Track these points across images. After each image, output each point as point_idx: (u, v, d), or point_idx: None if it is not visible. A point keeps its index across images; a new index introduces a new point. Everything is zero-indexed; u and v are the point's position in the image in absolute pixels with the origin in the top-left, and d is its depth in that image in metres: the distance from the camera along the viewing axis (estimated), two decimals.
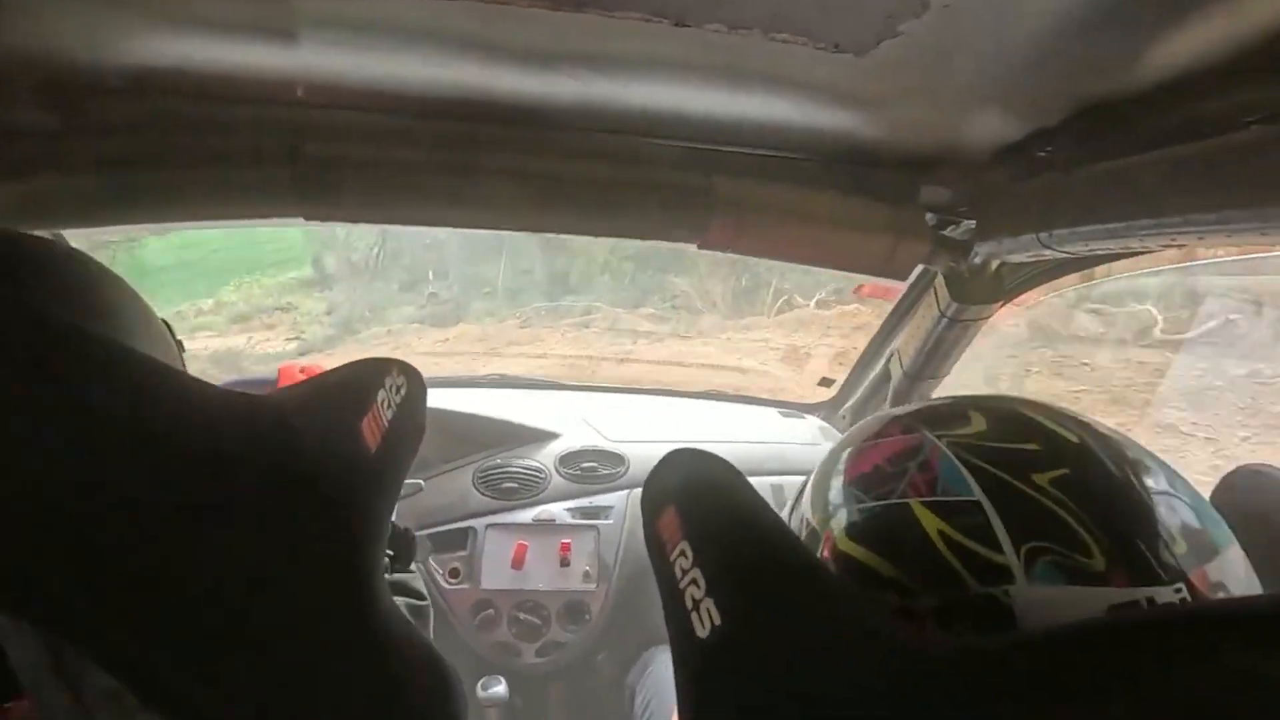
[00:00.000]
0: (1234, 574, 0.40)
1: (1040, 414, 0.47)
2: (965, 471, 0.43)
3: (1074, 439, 0.44)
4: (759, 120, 0.87)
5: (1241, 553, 0.42)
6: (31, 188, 0.77)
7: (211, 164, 0.81)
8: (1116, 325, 3.45)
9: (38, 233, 0.64)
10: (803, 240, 0.97)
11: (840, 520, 0.47)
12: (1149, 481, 0.43)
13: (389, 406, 0.49)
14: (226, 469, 0.35)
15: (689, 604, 0.38)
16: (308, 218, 0.87)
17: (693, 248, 0.98)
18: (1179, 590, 0.37)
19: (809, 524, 0.51)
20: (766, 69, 0.71)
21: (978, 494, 0.41)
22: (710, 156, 0.94)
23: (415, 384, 0.53)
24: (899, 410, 0.53)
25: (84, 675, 0.34)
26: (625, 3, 0.57)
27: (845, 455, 0.51)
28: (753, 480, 0.45)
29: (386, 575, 0.67)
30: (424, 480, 1.44)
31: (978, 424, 0.47)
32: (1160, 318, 3.26)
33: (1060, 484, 0.41)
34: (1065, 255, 0.84)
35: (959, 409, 0.49)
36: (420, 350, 4.61)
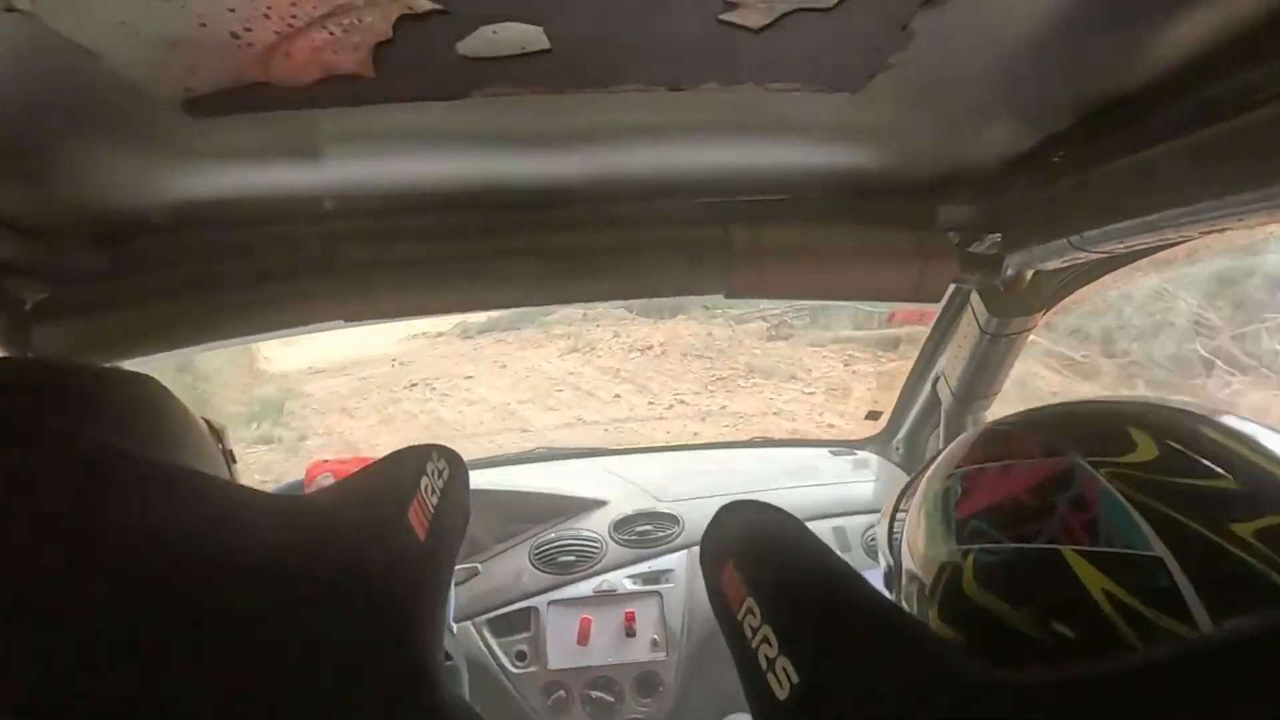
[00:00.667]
0: None
1: (1224, 434, 0.39)
2: (1138, 516, 0.35)
3: (1275, 469, 0.36)
4: (768, 166, 0.88)
5: None
6: (88, 326, 0.82)
7: (253, 284, 0.86)
8: None
9: None
10: (829, 277, 0.97)
11: (967, 561, 0.40)
12: None
13: (433, 493, 0.49)
14: (274, 577, 0.35)
15: (764, 664, 0.36)
16: (347, 320, 0.91)
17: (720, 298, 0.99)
18: None
19: (919, 565, 0.45)
20: (767, 117, 0.73)
21: (1158, 549, 0.34)
22: (725, 207, 0.96)
23: (457, 467, 0.54)
24: (1033, 420, 0.46)
25: None
26: (620, 76, 0.60)
27: (959, 478, 0.45)
28: (812, 524, 0.44)
29: None
30: (479, 563, 1.43)
31: (1145, 449, 0.39)
32: None
33: (1268, 537, 0.33)
34: (1101, 255, 0.82)
35: (1116, 425, 0.41)
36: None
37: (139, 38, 0.47)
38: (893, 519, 0.58)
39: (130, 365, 0.86)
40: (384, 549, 0.42)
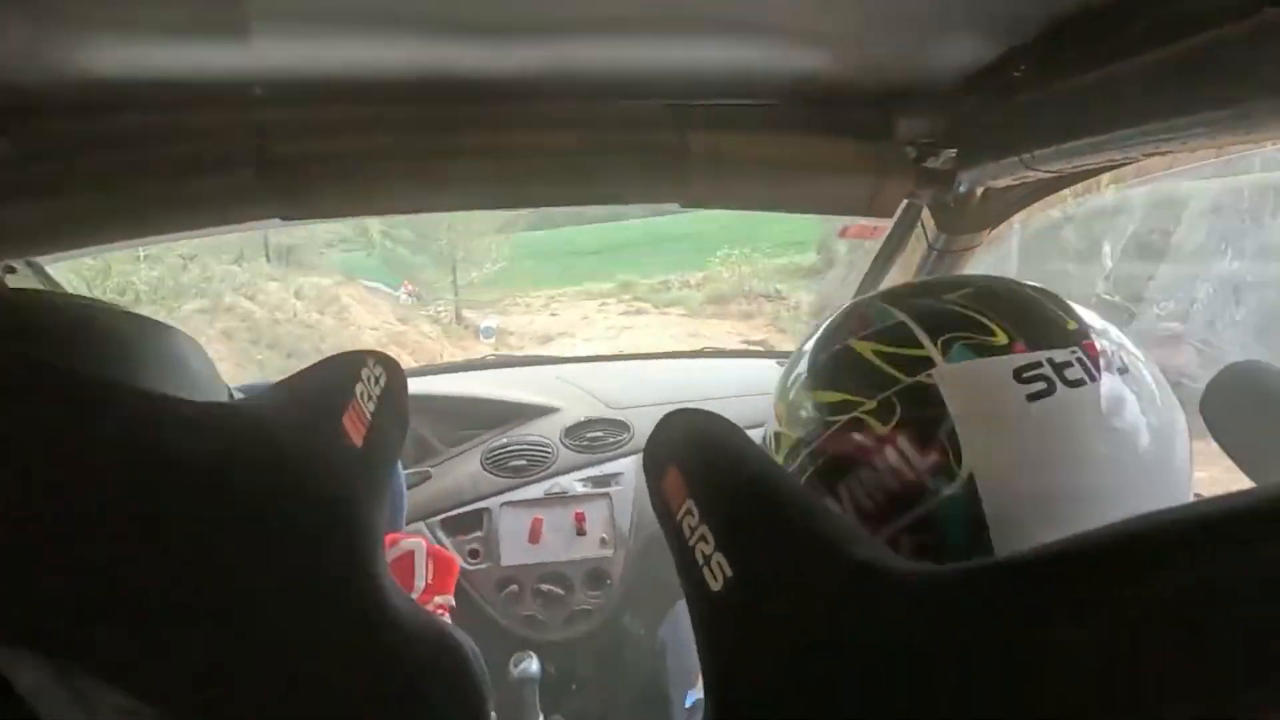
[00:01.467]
0: (1129, 346, 0.49)
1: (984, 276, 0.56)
2: (891, 307, 0.52)
3: (982, 277, 0.54)
4: (726, 69, 0.85)
5: (1137, 348, 0.50)
6: None
7: (176, 175, 0.80)
8: None
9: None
10: (785, 188, 0.96)
11: (799, 377, 0.56)
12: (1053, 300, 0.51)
13: (369, 399, 0.48)
14: (211, 482, 0.35)
15: (700, 560, 0.39)
16: (284, 218, 0.86)
17: (674, 207, 0.97)
18: (1074, 352, 0.45)
19: (780, 404, 0.59)
20: (727, 14, 0.69)
21: (900, 316, 0.51)
22: (682, 112, 0.93)
23: (394, 373, 0.53)
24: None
25: (96, 694, 0.34)
26: None
27: (810, 342, 0.59)
28: (757, 431, 0.46)
29: None
30: (432, 467, 1.45)
31: (906, 286, 0.58)
32: None
33: (968, 296, 0.50)
34: (1050, 175, 0.83)
35: (898, 285, 0.59)
36: None
37: None
38: None
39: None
40: (319, 455, 0.42)
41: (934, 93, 0.91)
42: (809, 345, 0.58)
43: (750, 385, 1.74)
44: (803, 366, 0.57)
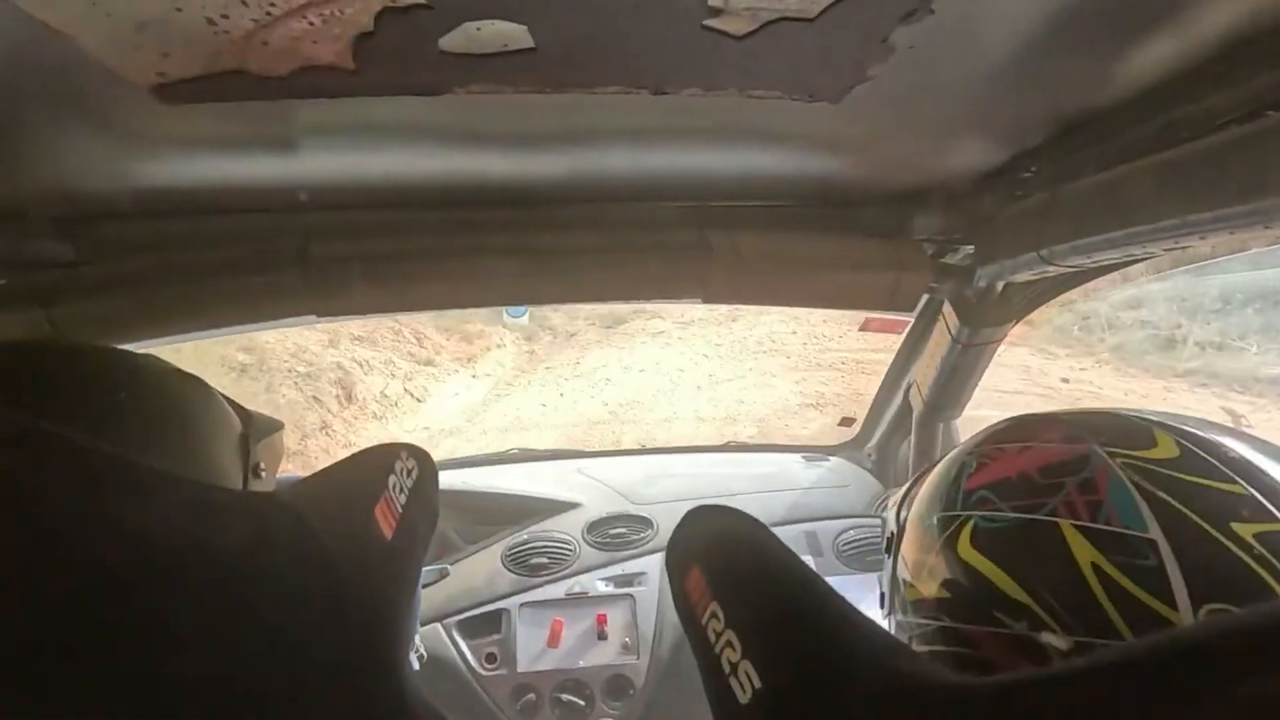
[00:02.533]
0: None
1: (1246, 446, 0.40)
2: (1142, 501, 0.36)
3: None
4: (747, 173, 0.89)
5: None
6: (54, 315, 0.80)
7: (224, 275, 0.84)
8: None
9: None
10: (805, 284, 0.98)
11: (966, 526, 0.42)
12: None
13: (401, 491, 0.48)
14: (233, 574, 0.35)
15: (726, 668, 0.37)
16: (319, 315, 0.89)
17: (698, 304, 0.99)
18: None
19: (919, 530, 0.47)
20: (747, 124, 0.73)
21: (1153, 531, 0.35)
22: (703, 212, 0.97)
23: (426, 466, 0.53)
24: (1063, 414, 0.47)
25: None
26: (603, 78, 0.60)
27: (978, 454, 0.46)
28: (784, 529, 0.44)
29: None
30: (450, 564, 1.42)
31: (1166, 448, 0.40)
32: None
33: (1267, 541, 0.34)
34: (1069, 269, 0.84)
35: (1141, 425, 0.43)
36: None
37: (111, 19, 0.45)
38: (907, 493, 0.58)
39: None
40: (351, 547, 0.41)
41: (949, 191, 0.94)
42: (987, 455, 0.45)
43: (773, 481, 1.70)
44: (972, 497, 0.43)
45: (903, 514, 0.55)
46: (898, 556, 0.53)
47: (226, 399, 0.53)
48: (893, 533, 0.56)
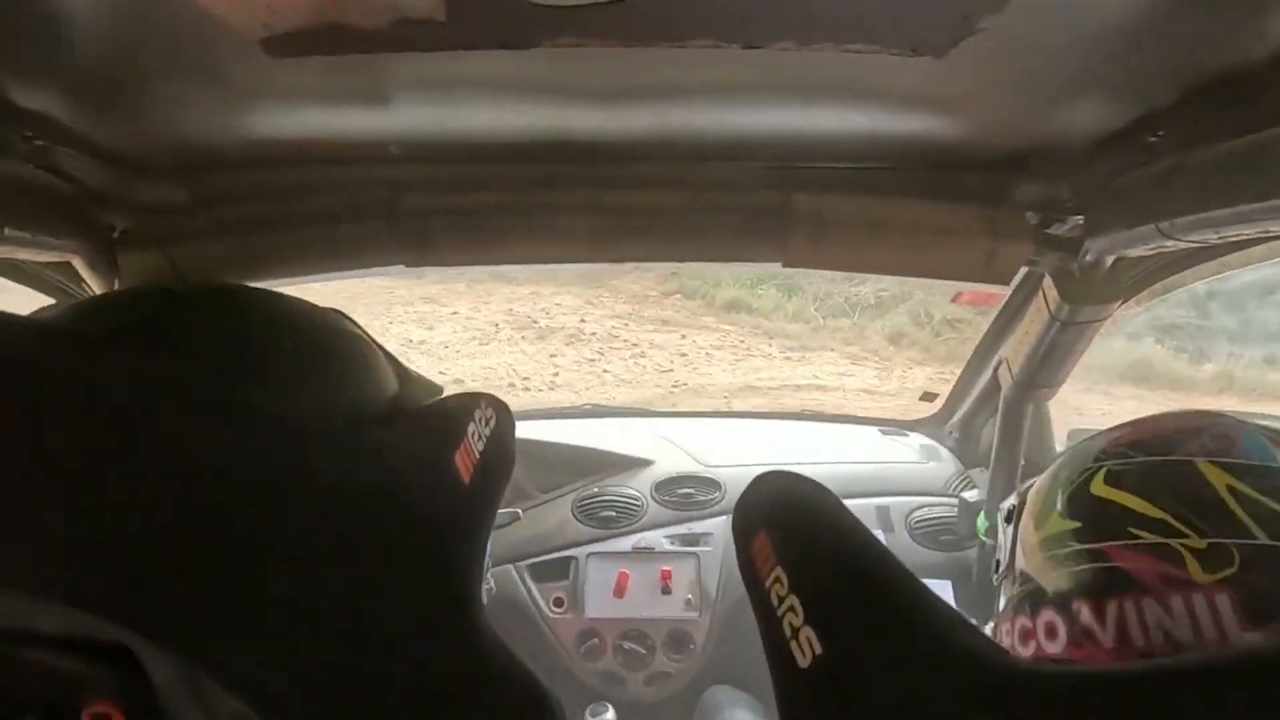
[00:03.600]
0: None
1: None
2: (1274, 447, 0.41)
3: None
4: (836, 133, 0.85)
5: None
6: (169, 256, 0.87)
7: (317, 223, 0.89)
8: None
9: None
10: (891, 251, 0.94)
11: (1099, 472, 0.45)
12: None
13: (479, 439, 0.50)
14: (328, 505, 0.37)
15: (787, 632, 0.37)
16: (407, 265, 0.94)
17: (777, 266, 0.97)
18: None
19: (1051, 482, 0.50)
20: (840, 81, 0.70)
21: None
22: (787, 174, 0.94)
23: (504, 415, 0.55)
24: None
25: (215, 697, 0.37)
26: (694, 31, 0.58)
27: (1108, 433, 0.49)
28: (854, 502, 0.44)
29: None
30: (522, 510, 1.48)
31: None
32: None
33: None
34: (1192, 244, 0.77)
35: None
36: None
37: None
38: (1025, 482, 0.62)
39: None
40: (430, 487, 0.44)
41: (1059, 156, 0.88)
42: (1117, 430, 0.49)
43: (847, 452, 1.67)
44: (1104, 454, 0.47)
45: (1023, 489, 0.58)
46: (1018, 522, 0.55)
47: (388, 356, 0.55)
48: (1013, 506, 0.59)
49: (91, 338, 0.36)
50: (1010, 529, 0.58)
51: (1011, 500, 0.60)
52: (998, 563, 0.61)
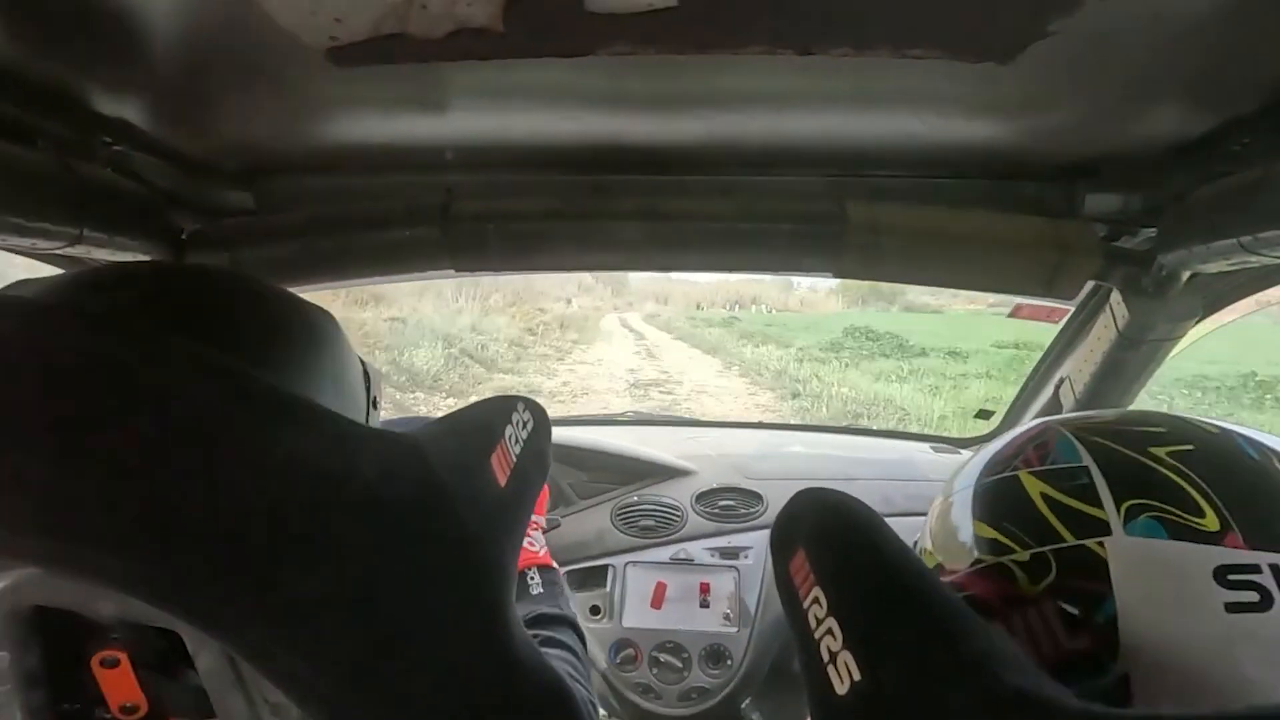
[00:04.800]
0: None
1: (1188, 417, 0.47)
2: (1079, 445, 0.44)
3: (1214, 430, 0.45)
4: (894, 141, 0.83)
5: None
6: (235, 257, 0.91)
7: (373, 228, 0.92)
8: None
9: None
10: (950, 262, 0.91)
11: (961, 501, 0.50)
12: None
13: (516, 442, 0.50)
14: (369, 503, 0.37)
15: (825, 656, 0.35)
16: (458, 270, 0.95)
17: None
18: None
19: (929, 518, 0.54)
20: (899, 88, 0.68)
21: (1085, 460, 0.43)
22: (842, 183, 0.92)
23: (541, 419, 0.55)
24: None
25: (256, 685, 0.37)
26: (749, 38, 0.58)
27: (980, 458, 0.53)
28: (900, 521, 0.42)
29: None
30: (562, 517, 1.48)
31: (1111, 415, 0.49)
32: None
33: (1180, 456, 0.41)
34: (1278, 260, 0.72)
35: (1105, 413, 0.50)
36: None
37: None
38: None
39: None
40: (466, 488, 0.44)
41: (1132, 165, 0.83)
42: (981, 457, 0.52)
43: (896, 469, 1.62)
44: (967, 479, 0.51)
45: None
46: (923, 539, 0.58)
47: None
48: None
49: (133, 327, 0.37)
50: None
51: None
52: None
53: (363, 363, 0.57)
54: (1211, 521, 0.37)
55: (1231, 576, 0.35)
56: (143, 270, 0.47)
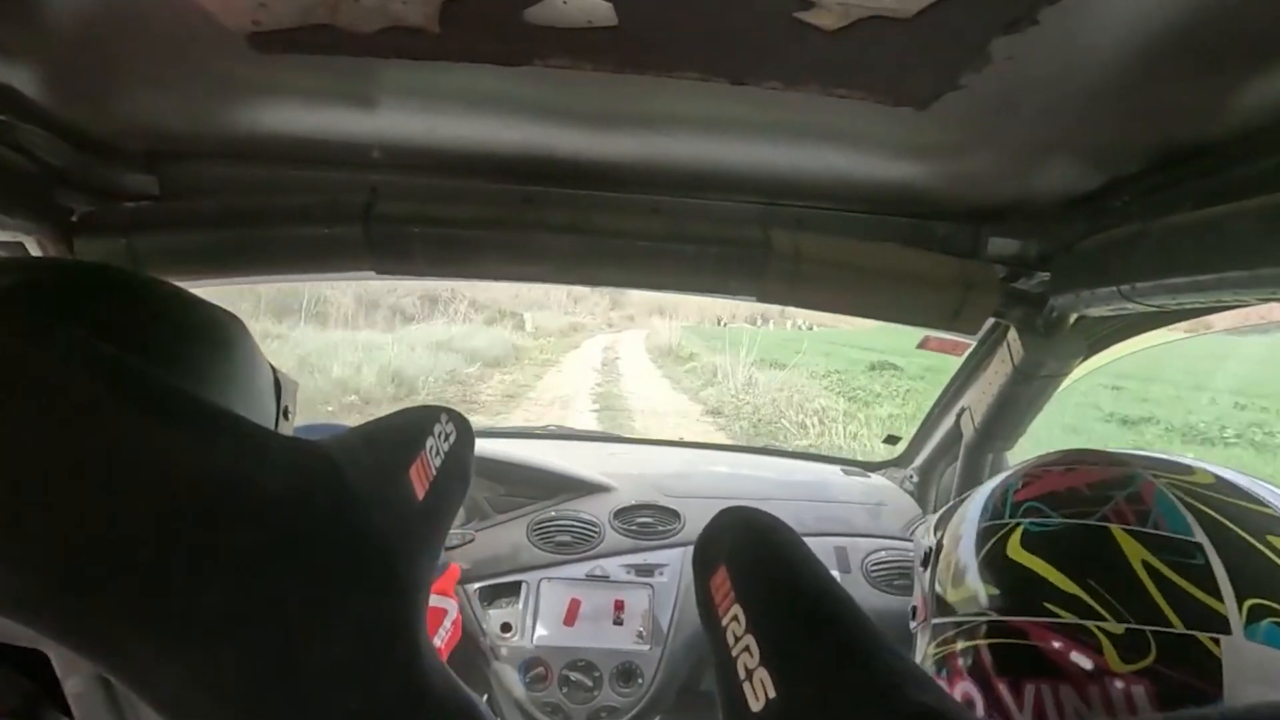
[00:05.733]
0: None
1: (1269, 488, 0.43)
2: (1187, 512, 0.40)
3: None
4: (818, 175, 0.87)
5: None
6: (133, 244, 0.84)
7: (291, 223, 0.87)
8: None
9: None
10: (865, 293, 0.95)
11: (1015, 531, 0.45)
12: None
13: (437, 454, 0.49)
14: (274, 515, 0.35)
15: (741, 673, 0.36)
16: (379, 273, 0.91)
17: (751, 301, 0.98)
18: None
19: (966, 533, 0.50)
20: (825, 124, 0.71)
21: (1199, 536, 0.38)
22: (768, 211, 0.95)
23: (463, 431, 0.54)
24: (1107, 450, 0.50)
25: (131, 707, 0.34)
26: (685, 63, 0.59)
27: (1024, 475, 0.49)
28: (813, 540, 0.43)
29: None
30: (477, 531, 1.44)
31: (1203, 476, 0.44)
32: None
33: None
34: (1150, 309, 0.79)
35: (1180, 460, 0.46)
36: None
37: None
38: (944, 515, 0.60)
39: None
40: (381, 501, 0.42)
41: (1029, 214, 0.90)
42: (1032, 475, 0.48)
43: (810, 490, 1.67)
44: (1020, 509, 0.46)
45: (939, 532, 0.57)
46: (935, 569, 0.54)
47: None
48: (929, 549, 0.57)
49: (26, 320, 0.34)
50: (926, 574, 0.57)
51: (928, 542, 0.59)
52: (914, 609, 0.60)
53: (274, 370, 0.54)
54: None
55: None
56: (38, 262, 0.44)
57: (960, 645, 0.46)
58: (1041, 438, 1.27)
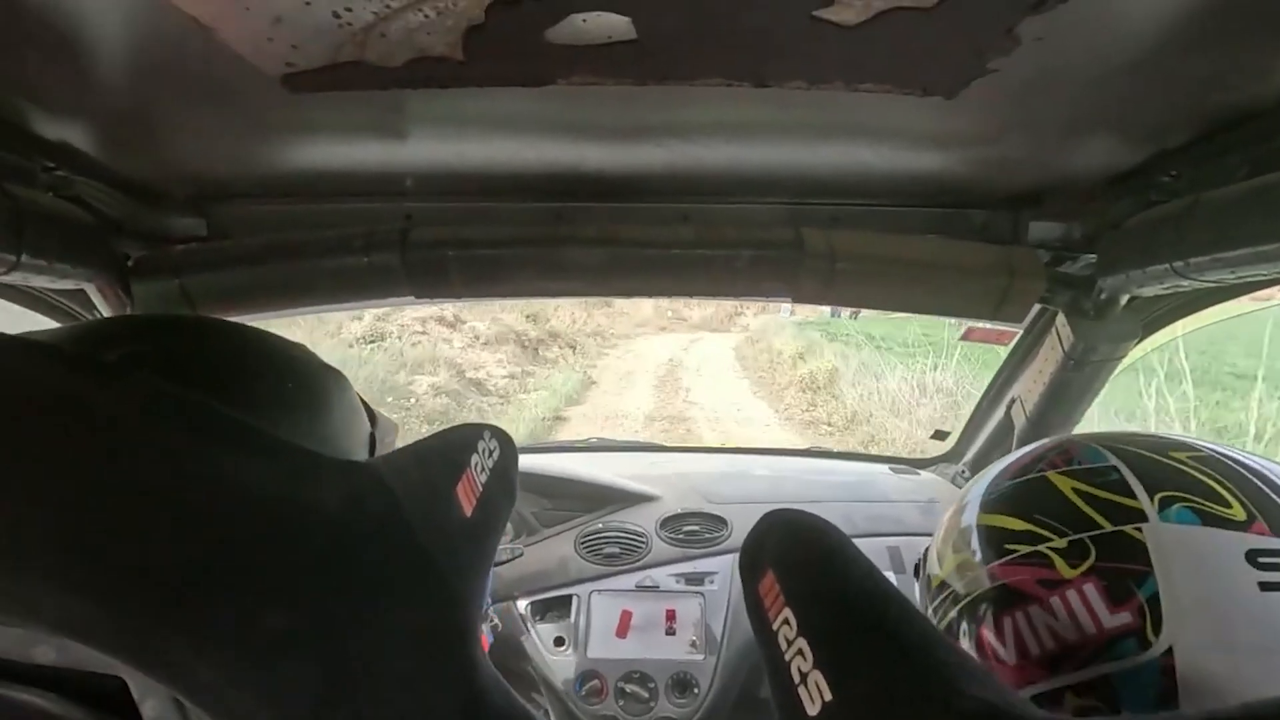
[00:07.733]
0: None
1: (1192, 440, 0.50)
2: (1103, 449, 0.48)
3: (1211, 443, 0.48)
4: (848, 171, 0.86)
5: None
6: (185, 285, 0.88)
7: (332, 254, 0.90)
8: None
9: None
10: (904, 288, 0.93)
11: (976, 505, 0.53)
12: None
13: (483, 470, 0.49)
14: (331, 534, 0.36)
15: (795, 677, 0.35)
16: (418, 297, 0.94)
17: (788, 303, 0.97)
18: None
19: (946, 525, 0.57)
20: (852, 120, 0.70)
21: (1112, 460, 0.47)
22: (799, 211, 0.94)
23: (507, 447, 0.54)
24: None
25: None
26: (705, 70, 0.59)
27: (991, 472, 0.56)
28: (865, 542, 0.43)
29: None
30: (525, 546, 1.46)
31: (1123, 433, 0.51)
32: None
33: (1198, 459, 0.45)
34: (1207, 284, 0.76)
35: (1116, 431, 0.53)
36: None
37: (249, 13, 0.49)
38: None
39: None
40: (431, 518, 0.43)
41: (1072, 195, 0.88)
42: (989, 474, 0.56)
43: (857, 490, 1.64)
44: (980, 491, 0.54)
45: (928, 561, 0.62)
46: (925, 567, 0.61)
47: (359, 396, 0.56)
48: (917, 563, 0.64)
49: (91, 361, 0.36)
50: (919, 583, 0.63)
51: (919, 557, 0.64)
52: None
53: (371, 413, 0.56)
54: (1238, 512, 0.41)
55: (1262, 559, 0.39)
56: (145, 321, 0.46)
57: (952, 614, 0.52)
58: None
